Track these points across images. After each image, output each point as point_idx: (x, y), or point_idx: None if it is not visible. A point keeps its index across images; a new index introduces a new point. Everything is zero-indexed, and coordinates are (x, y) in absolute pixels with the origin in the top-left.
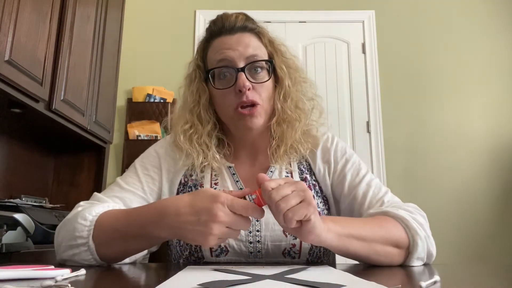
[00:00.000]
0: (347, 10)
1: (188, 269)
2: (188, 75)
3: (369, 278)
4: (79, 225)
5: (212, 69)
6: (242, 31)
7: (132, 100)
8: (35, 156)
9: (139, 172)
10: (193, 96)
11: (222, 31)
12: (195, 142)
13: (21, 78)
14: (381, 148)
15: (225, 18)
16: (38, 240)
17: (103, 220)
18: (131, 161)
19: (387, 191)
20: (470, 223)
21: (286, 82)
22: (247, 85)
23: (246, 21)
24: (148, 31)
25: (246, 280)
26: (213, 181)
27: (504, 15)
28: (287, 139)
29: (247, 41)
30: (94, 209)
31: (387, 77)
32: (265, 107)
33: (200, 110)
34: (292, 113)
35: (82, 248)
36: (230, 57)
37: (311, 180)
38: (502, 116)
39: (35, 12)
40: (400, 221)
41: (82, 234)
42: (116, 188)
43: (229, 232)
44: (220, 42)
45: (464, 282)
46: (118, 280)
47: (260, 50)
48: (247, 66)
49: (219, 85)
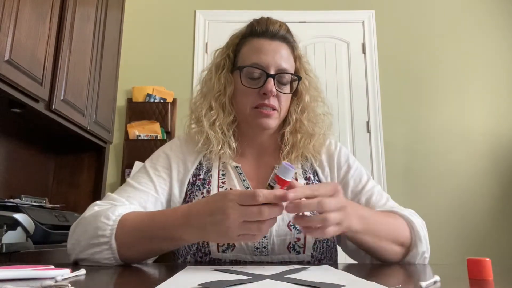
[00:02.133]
0: (347, 10)
1: (188, 269)
2: (216, 62)
3: (370, 278)
4: (102, 223)
5: (245, 66)
6: (281, 41)
7: (132, 100)
8: (35, 156)
9: (150, 173)
10: (219, 85)
11: (265, 34)
12: (217, 129)
13: (21, 78)
14: (381, 148)
15: (270, 23)
16: (38, 240)
17: (126, 220)
18: (131, 161)
19: (388, 198)
20: (470, 223)
21: (306, 97)
22: (274, 92)
23: (287, 33)
24: (148, 31)
25: (246, 280)
26: (220, 180)
27: (504, 15)
28: (300, 148)
29: (282, 52)
30: (117, 210)
31: (387, 77)
32: (281, 115)
33: (225, 100)
34: (308, 126)
35: (104, 246)
36: (266, 62)
37: (314, 180)
38: (502, 116)
39: (35, 12)
40: (407, 221)
41: (104, 233)
42: (129, 188)
43: (251, 225)
44: (259, 43)
45: (464, 282)
46: (119, 280)
47: (290, 63)
48: (277, 75)
49: (246, 83)
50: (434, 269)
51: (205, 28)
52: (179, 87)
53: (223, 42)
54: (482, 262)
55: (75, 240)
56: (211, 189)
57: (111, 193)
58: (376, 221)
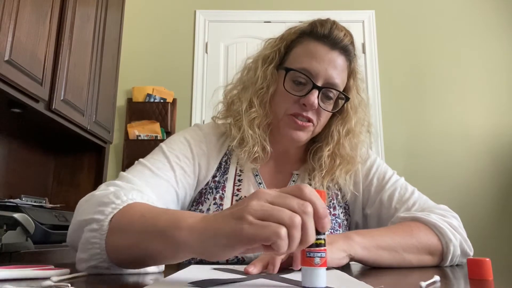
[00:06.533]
0: (347, 10)
1: (190, 268)
2: (265, 54)
3: (369, 279)
4: (108, 200)
5: (293, 69)
6: (340, 52)
7: (132, 100)
8: (35, 156)
9: (170, 160)
10: (264, 80)
11: (325, 39)
12: (256, 128)
13: (21, 78)
14: (381, 149)
15: (335, 28)
16: (38, 240)
17: (134, 207)
18: (131, 161)
19: (413, 191)
20: (470, 223)
21: (353, 119)
22: (315, 105)
23: (350, 44)
24: (148, 31)
25: (240, 279)
26: (236, 187)
27: (504, 15)
28: (335, 174)
29: (338, 65)
30: (131, 193)
31: (387, 77)
32: (316, 130)
33: (267, 99)
34: (349, 153)
35: (94, 226)
36: (316, 70)
37: (334, 189)
38: (503, 116)
39: (35, 12)
40: (433, 227)
41: (105, 210)
42: (147, 172)
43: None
44: (316, 48)
45: (464, 282)
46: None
47: (342, 78)
48: (323, 89)
49: (289, 87)
50: (434, 269)
51: (205, 28)
52: (179, 87)
53: (223, 42)
54: (482, 262)
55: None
56: (224, 195)
57: (126, 173)
58: (383, 233)
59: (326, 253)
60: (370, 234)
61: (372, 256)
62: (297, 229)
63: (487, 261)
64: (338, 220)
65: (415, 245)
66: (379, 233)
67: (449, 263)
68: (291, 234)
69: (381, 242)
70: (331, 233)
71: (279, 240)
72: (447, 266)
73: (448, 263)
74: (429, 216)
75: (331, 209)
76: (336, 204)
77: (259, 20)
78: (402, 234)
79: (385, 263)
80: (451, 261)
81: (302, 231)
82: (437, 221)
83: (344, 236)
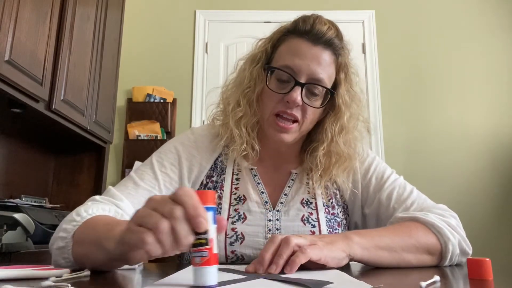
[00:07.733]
0: (347, 10)
1: (190, 268)
2: (253, 54)
3: (369, 279)
4: (72, 218)
5: (276, 68)
6: (324, 46)
7: (132, 100)
8: (35, 156)
9: (155, 169)
10: (250, 79)
11: (307, 35)
12: (242, 127)
13: (21, 78)
14: (381, 148)
15: (317, 23)
16: (38, 240)
17: (91, 220)
18: (131, 161)
19: (412, 190)
20: (470, 223)
21: (345, 115)
22: (298, 102)
23: (335, 37)
24: (148, 31)
25: (240, 279)
26: (234, 185)
27: (504, 14)
28: (332, 173)
29: (323, 60)
30: (91, 208)
31: (387, 77)
32: (302, 127)
33: (253, 98)
34: (344, 150)
35: (65, 241)
36: (298, 66)
37: (333, 188)
38: (503, 116)
39: (35, 12)
40: (431, 227)
41: (67, 228)
42: (130, 184)
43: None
44: (298, 45)
45: (464, 282)
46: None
47: (328, 73)
48: (306, 85)
49: (273, 86)
50: (434, 269)
51: (205, 28)
52: (179, 87)
53: (223, 42)
54: (482, 262)
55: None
56: (223, 194)
57: (112, 187)
58: (382, 233)
59: (210, 252)
60: (369, 234)
61: (372, 256)
62: (163, 233)
63: (487, 261)
64: (337, 219)
65: (414, 245)
66: (378, 233)
67: (449, 263)
68: (158, 239)
69: (380, 242)
70: (330, 232)
71: (146, 245)
72: (446, 265)
73: (447, 263)
74: (428, 216)
75: (329, 208)
76: (335, 203)
77: (259, 20)
78: (401, 234)
79: (385, 263)
80: (450, 261)
81: (173, 234)
82: (436, 221)
83: (343, 236)
